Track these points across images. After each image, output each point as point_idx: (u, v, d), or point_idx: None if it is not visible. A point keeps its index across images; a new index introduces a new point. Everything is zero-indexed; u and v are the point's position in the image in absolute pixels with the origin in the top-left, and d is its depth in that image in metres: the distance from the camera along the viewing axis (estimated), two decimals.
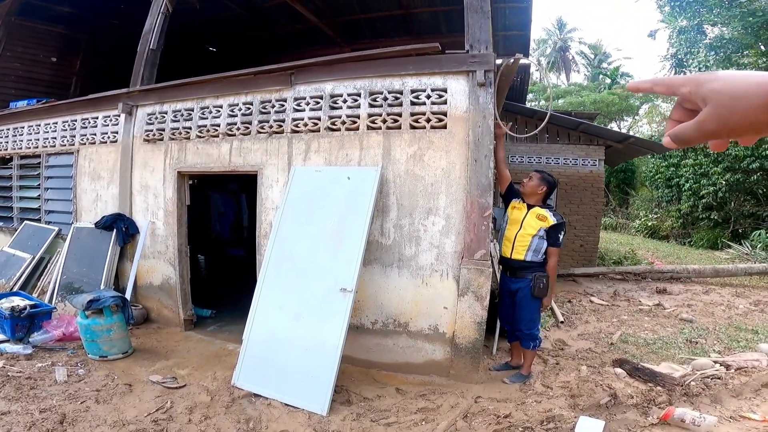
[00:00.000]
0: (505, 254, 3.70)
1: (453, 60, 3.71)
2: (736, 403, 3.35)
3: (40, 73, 8.43)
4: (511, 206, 3.75)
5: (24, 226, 6.04)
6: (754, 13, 10.36)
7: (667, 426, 2.94)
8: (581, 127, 8.22)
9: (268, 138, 4.18)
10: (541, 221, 3.55)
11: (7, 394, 3.14)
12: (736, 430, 2.95)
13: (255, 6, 8.70)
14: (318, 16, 8.54)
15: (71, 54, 8.85)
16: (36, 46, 8.31)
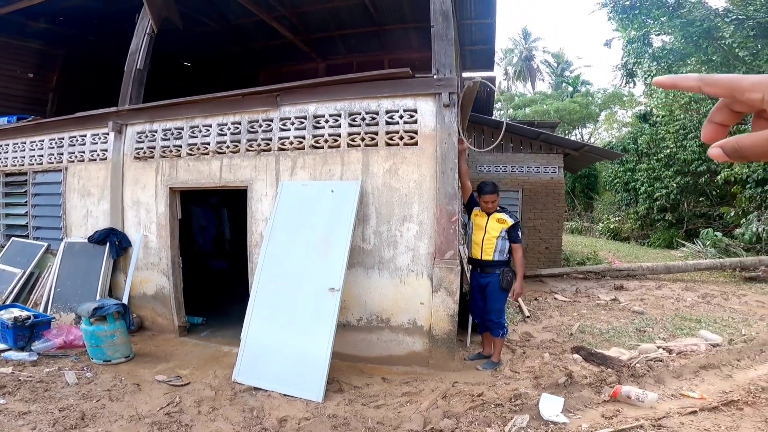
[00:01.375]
0: (475, 256, 4.22)
1: (422, 83, 4.21)
2: (677, 383, 3.85)
3: (16, 89, 8.45)
4: (474, 214, 4.28)
5: (11, 242, 6.18)
6: (693, 23, 11.01)
7: (617, 402, 3.41)
8: (541, 136, 8.90)
9: (256, 155, 4.57)
10: (501, 224, 4.10)
11: (24, 396, 3.39)
12: (677, 406, 3.41)
13: (231, 23, 9.01)
14: (293, 33, 8.89)
15: (48, 70, 8.87)
16: (12, 62, 8.34)
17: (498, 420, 3.19)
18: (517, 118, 29.29)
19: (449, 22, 4.38)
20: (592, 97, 28.59)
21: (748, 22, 9.89)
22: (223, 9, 8.30)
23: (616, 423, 3.07)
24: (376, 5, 8.08)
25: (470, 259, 4.35)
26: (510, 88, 38.99)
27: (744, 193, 12.08)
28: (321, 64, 10.63)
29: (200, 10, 7.71)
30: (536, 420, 3.17)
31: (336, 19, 8.90)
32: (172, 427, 3.04)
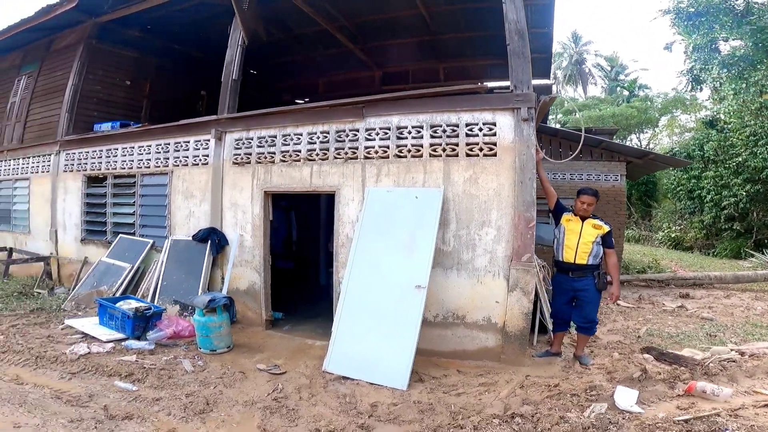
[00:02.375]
0: (567, 260, 4.38)
1: (500, 99, 4.55)
2: (749, 382, 3.95)
3: (117, 96, 9.19)
4: (566, 219, 4.44)
5: (119, 239, 7.01)
6: (763, 29, 10.62)
7: (691, 396, 3.57)
8: (603, 144, 8.93)
9: (344, 163, 5.07)
10: (597, 229, 4.31)
11: (152, 383, 3.88)
12: (751, 400, 3.53)
13: (294, 32, 9.63)
14: (352, 42, 9.37)
15: (143, 78, 9.64)
16: (113, 70, 9.06)
17: (576, 407, 3.45)
18: (567, 124, 28.70)
19: (525, 41, 4.68)
20: (651, 101, 27.46)
21: None
22: (287, 19, 8.86)
23: (693, 412, 3.24)
24: (432, 16, 8.39)
25: (558, 262, 4.52)
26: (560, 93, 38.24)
27: None
28: (377, 72, 11.11)
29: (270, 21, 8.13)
30: (612, 409, 3.38)
31: (392, 29, 9.29)
32: (281, 411, 3.45)
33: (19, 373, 3.92)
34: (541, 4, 7.19)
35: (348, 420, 3.32)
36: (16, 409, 3.18)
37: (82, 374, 4.00)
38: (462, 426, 3.21)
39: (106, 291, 6.31)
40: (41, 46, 9.43)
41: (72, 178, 7.95)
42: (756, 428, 2.96)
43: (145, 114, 9.62)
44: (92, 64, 8.51)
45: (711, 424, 3.05)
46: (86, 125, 8.29)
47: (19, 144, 9.24)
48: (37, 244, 8.52)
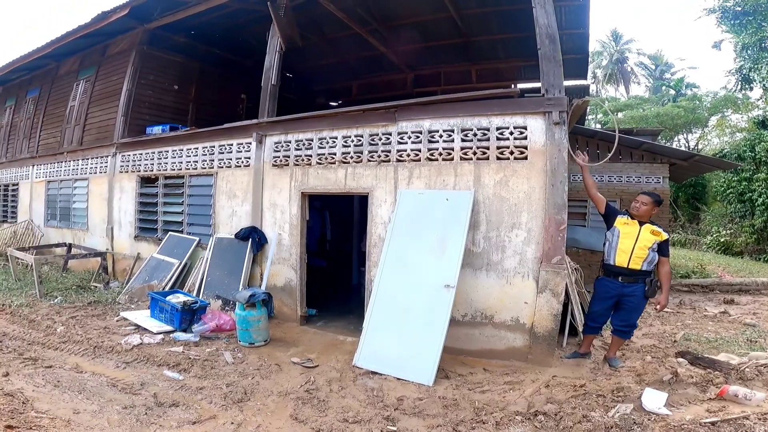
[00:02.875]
0: (620, 264, 4.25)
1: (531, 102, 4.61)
2: None
3: (166, 100, 9.70)
4: (621, 222, 4.31)
5: (168, 236, 7.48)
6: None
7: (723, 401, 3.52)
8: (644, 146, 8.71)
9: (377, 166, 5.26)
10: (656, 236, 4.19)
11: (196, 373, 4.19)
12: None
13: (327, 36, 9.91)
14: (384, 45, 9.54)
15: (188, 82, 10.11)
16: (162, 75, 9.55)
17: (600, 407, 3.48)
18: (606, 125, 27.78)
19: (556, 45, 4.71)
20: (699, 101, 26.13)
21: None
22: (321, 24, 9.19)
23: (722, 415, 3.20)
24: (463, 18, 8.49)
25: (608, 266, 4.37)
26: (599, 92, 36.98)
27: None
28: (409, 74, 11.25)
29: (303, 26, 8.35)
30: (638, 411, 3.39)
31: (424, 32, 9.44)
32: (312, 402, 3.67)
33: (78, 362, 4.30)
34: (576, 5, 7.17)
35: (375, 412, 3.49)
36: (75, 396, 3.50)
37: (134, 363, 4.36)
38: (484, 422, 3.32)
39: (157, 285, 6.76)
40: (97, 51, 10.08)
41: (127, 179, 8.53)
42: None
43: (191, 117, 10.12)
44: (144, 70, 9.04)
45: (738, 426, 3.04)
46: (139, 128, 8.86)
47: (79, 146, 9.94)
48: (94, 240, 9.18)
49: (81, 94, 10.25)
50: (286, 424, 3.30)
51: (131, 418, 3.16)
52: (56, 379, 3.79)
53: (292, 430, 3.22)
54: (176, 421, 3.19)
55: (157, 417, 3.24)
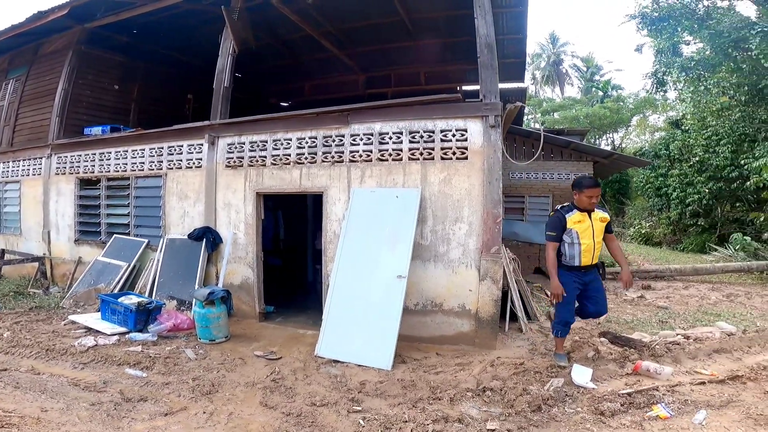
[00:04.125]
0: (586, 263, 4.09)
1: (471, 107, 5.05)
2: (691, 363, 4.47)
3: (105, 100, 9.38)
4: (574, 221, 4.02)
5: (114, 239, 7.31)
6: (722, 34, 11.10)
7: (638, 375, 4.09)
8: (572, 145, 9.57)
9: (331, 166, 5.52)
10: (604, 222, 4.11)
11: (160, 369, 4.26)
12: (689, 379, 4.05)
13: (281, 38, 9.98)
14: (337, 47, 9.81)
15: (130, 82, 9.83)
16: (102, 74, 9.24)
17: (538, 382, 3.96)
18: (545, 124, 29.50)
19: (494, 53, 5.20)
20: (623, 102, 28.45)
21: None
22: (275, 25, 9.21)
23: (636, 387, 3.78)
24: (414, 22, 8.89)
25: (571, 267, 4.13)
26: (538, 93, 38.73)
27: None
28: (362, 76, 11.56)
29: (257, 27, 8.33)
30: (569, 385, 3.90)
31: (376, 35, 9.75)
32: (280, 389, 3.88)
33: (33, 365, 4.25)
34: (516, 12, 7.71)
35: (340, 395, 3.77)
36: (39, 395, 3.52)
37: (93, 364, 4.36)
38: (440, 398, 3.69)
39: (104, 288, 6.62)
40: (28, 50, 9.55)
41: (65, 181, 8.19)
42: (689, 402, 3.48)
43: (133, 117, 9.83)
44: (81, 69, 8.69)
45: (649, 397, 3.56)
46: (76, 129, 8.50)
47: (9, 147, 9.38)
48: (29, 245, 8.73)
49: (10, 93, 9.70)
50: (257, 410, 3.50)
51: (101, 414, 3.23)
52: (15, 381, 3.76)
53: (264, 415, 3.42)
54: (148, 414, 3.30)
55: (128, 411, 3.33)
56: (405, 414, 3.39)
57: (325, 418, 3.37)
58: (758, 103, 13.15)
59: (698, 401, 3.52)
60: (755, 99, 13.13)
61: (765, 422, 3.11)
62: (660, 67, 13.85)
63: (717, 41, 11.49)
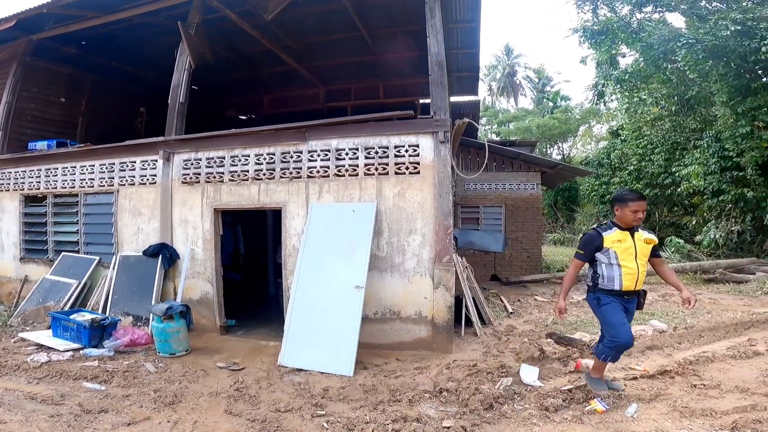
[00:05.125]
0: (628, 288, 3.55)
1: (423, 123, 5.33)
2: (626, 360, 4.81)
3: (52, 113, 9.05)
4: (613, 239, 3.51)
5: (63, 257, 7.07)
6: (652, 46, 11.58)
7: (579, 372, 4.44)
8: (521, 157, 10.13)
9: (289, 182, 5.64)
10: (650, 243, 3.58)
11: (119, 382, 4.26)
12: (623, 374, 4.44)
13: (240, 52, 10.02)
14: (297, 61, 9.93)
15: (78, 95, 9.53)
16: (48, 87, 8.92)
17: (489, 382, 4.24)
18: (500, 135, 30.58)
19: (444, 71, 5.52)
20: (571, 112, 29.73)
21: (697, 46, 10.28)
22: (234, 39, 9.25)
23: (576, 383, 4.13)
24: (373, 38, 9.17)
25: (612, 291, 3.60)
26: (494, 104, 39.69)
27: (704, 203, 13.24)
28: (322, 89, 11.71)
29: (215, 40, 8.40)
30: (518, 384, 4.20)
31: (336, 49, 9.96)
32: (244, 398, 3.97)
33: None
34: (470, 27, 8.15)
35: (304, 401, 3.91)
36: None
37: (48, 379, 4.30)
38: (399, 400, 3.89)
39: (54, 306, 6.43)
40: None
41: (8, 198, 7.87)
42: (622, 396, 3.83)
43: (80, 132, 9.52)
44: (26, 82, 8.36)
45: (587, 392, 3.89)
46: (20, 143, 8.17)
47: None
48: None
49: None
50: (222, 418, 3.58)
51: (62, 425, 3.23)
52: None
53: (229, 422, 3.51)
54: (110, 424, 3.32)
55: (89, 422, 3.33)
56: (366, 416, 3.57)
57: (290, 422, 3.49)
58: (687, 113, 14.08)
59: (631, 395, 3.88)
60: (684, 109, 14.06)
61: (689, 414, 3.47)
62: (600, 79, 14.58)
63: (648, 53, 12.05)
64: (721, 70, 10.62)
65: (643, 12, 12.76)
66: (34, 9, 7.06)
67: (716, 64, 10.60)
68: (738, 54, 10.08)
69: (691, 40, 10.32)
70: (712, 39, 9.95)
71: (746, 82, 10.58)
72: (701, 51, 10.28)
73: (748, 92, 10.57)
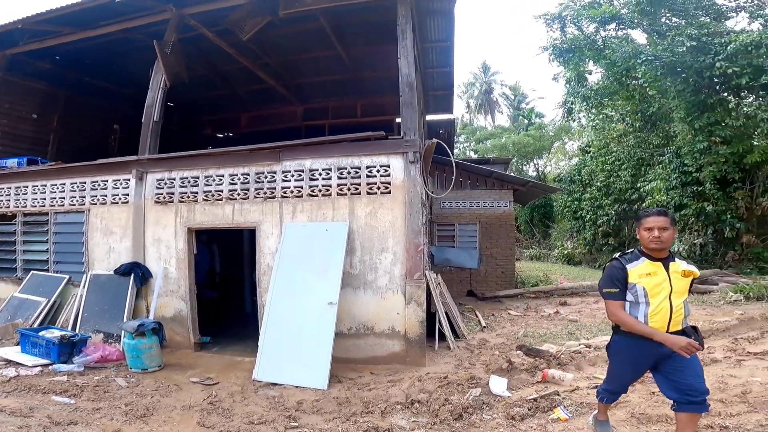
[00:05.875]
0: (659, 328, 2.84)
1: (394, 144, 5.52)
2: (591, 369, 5.08)
3: (23, 130, 8.99)
4: (641, 273, 2.84)
5: (31, 275, 6.95)
6: (616, 63, 11.91)
7: (546, 382, 4.62)
8: (494, 175, 10.44)
9: (263, 201, 5.73)
10: (687, 277, 2.86)
11: (89, 396, 4.26)
12: (588, 383, 4.60)
13: (217, 69, 10.10)
14: (275, 79, 10.07)
15: (50, 111, 9.49)
16: (20, 102, 8.88)
17: (459, 393, 4.34)
18: (478, 153, 31.09)
19: (414, 92, 5.75)
20: (544, 129, 30.05)
21: (656, 62, 10.49)
22: (211, 56, 9.34)
23: (541, 392, 4.28)
24: (350, 56, 9.39)
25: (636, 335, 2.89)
26: (472, 122, 40.20)
27: None
28: (299, 107, 11.84)
29: (192, 58, 8.54)
30: (487, 394, 4.32)
31: (315, 67, 10.15)
32: (217, 411, 4.01)
33: None
34: (444, 46, 8.43)
35: (277, 413, 3.96)
36: None
37: (16, 393, 4.29)
38: (372, 412, 3.97)
39: (22, 323, 6.36)
40: None
41: None
42: (584, 404, 4.00)
43: (52, 149, 9.46)
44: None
45: (552, 401, 4.05)
46: None
47: None
48: None
49: None
50: (195, 430, 3.61)
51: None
52: None
53: None
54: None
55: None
56: (339, 427, 3.65)
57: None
58: (650, 129, 14.50)
59: (593, 403, 4.01)
60: (647, 125, 14.47)
61: (647, 420, 3.65)
62: (568, 96, 14.98)
63: (612, 70, 12.39)
64: (678, 86, 10.94)
65: (607, 29, 13.13)
66: (9, 24, 7.12)
67: (674, 80, 10.92)
68: (694, 70, 10.41)
69: (650, 57, 10.62)
70: (670, 55, 10.28)
71: (703, 98, 10.91)
72: (660, 67, 10.59)
73: (704, 108, 10.92)
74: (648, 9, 11.55)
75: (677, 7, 11.34)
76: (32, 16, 6.98)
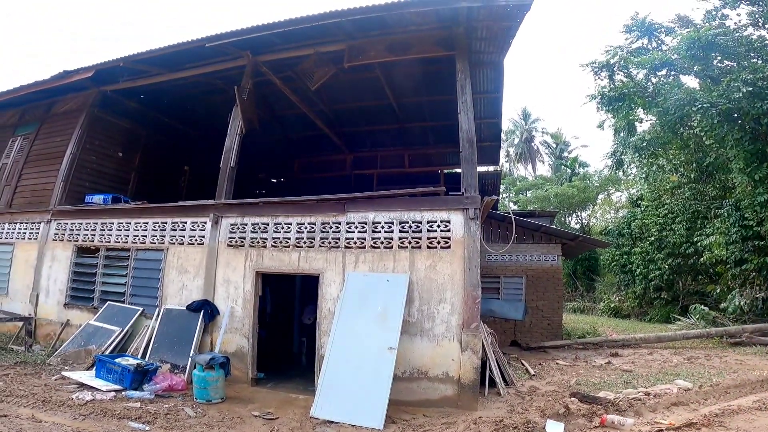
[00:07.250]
0: None
1: (454, 200, 5.84)
2: (651, 415, 5.00)
3: (108, 167, 9.51)
4: None
5: (108, 305, 7.54)
6: (668, 111, 11.10)
7: (604, 427, 4.60)
8: (542, 229, 10.51)
9: (327, 251, 6.15)
10: None
11: (162, 424, 4.59)
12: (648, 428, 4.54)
13: (275, 114, 10.77)
14: (327, 126, 10.65)
15: (133, 149, 10.03)
16: (108, 140, 9.40)
17: None
18: (518, 204, 30.63)
19: (474, 149, 6.09)
20: (589, 180, 29.37)
21: (711, 110, 9.98)
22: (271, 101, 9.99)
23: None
24: (401, 106, 9.91)
25: None
26: (512, 171, 39.23)
27: (728, 272, 13.02)
28: (349, 156, 12.39)
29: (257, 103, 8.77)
30: None
31: (365, 116, 10.74)
32: None
33: (33, 414, 4.50)
34: (493, 98, 8.82)
35: None
36: None
37: (93, 416, 4.64)
38: None
39: (95, 349, 6.82)
40: (41, 107, 9.71)
41: (61, 247, 8.47)
42: None
43: (132, 187, 10.00)
44: (91, 133, 8.92)
45: None
46: (77, 195, 8.77)
47: (7, 208, 9.42)
48: (13, 305, 8.70)
49: (16, 152, 9.75)
50: None
51: None
52: (18, 427, 4.03)
53: None
54: None
55: None
56: None
57: None
58: (706, 180, 13.92)
59: None
60: (703, 176, 13.88)
61: None
62: (618, 147, 14.13)
63: (665, 118, 11.48)
64: (736, 134, 10.42)
65: (657, 76, 12.51)
66: (113, 62, 7.82)
67: (731, 128, 10.36)
68: (751, 116, 9.97)
69: (706, 104, 10.03)
70: (725, 102, 9.76)
71: (761, 147, 10.45)
72: (716, 115, 10.01)
73: (764, 158, 10.45)
74: (699, 54, 10.94)
75: (729, 51, 10.80)
76: (133, 55, 7.60)
